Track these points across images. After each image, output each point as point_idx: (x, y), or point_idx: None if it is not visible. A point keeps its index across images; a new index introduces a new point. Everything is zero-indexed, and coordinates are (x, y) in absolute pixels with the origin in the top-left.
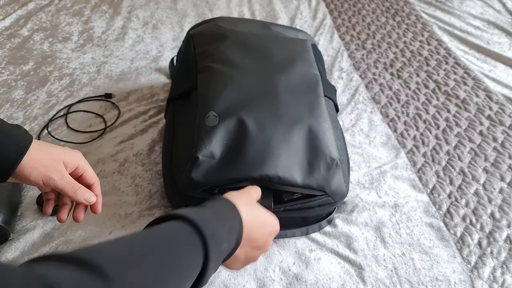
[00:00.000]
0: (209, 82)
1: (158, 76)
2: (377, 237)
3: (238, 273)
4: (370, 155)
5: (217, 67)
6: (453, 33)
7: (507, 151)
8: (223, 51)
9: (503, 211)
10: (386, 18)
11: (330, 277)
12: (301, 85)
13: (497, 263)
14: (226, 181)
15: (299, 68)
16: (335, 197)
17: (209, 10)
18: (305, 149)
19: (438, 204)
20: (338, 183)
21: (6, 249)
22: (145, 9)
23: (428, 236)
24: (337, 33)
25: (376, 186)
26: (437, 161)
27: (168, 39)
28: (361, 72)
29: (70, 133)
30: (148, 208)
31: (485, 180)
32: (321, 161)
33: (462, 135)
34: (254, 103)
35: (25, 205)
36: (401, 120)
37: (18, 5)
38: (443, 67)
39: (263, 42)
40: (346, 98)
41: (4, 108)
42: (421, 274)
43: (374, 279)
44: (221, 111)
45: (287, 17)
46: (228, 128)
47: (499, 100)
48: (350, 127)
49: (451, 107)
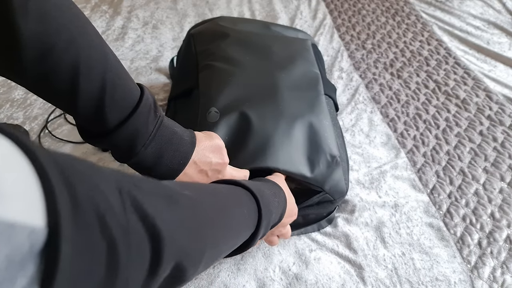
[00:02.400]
0: (210, 80)
1: (158, 76)
2: (377, 237)
3: (238, 273)
4: (370, 155)
5: (218, 65)
6: (453, 33)
7: (507, 151)
8: (224, 50)
9: (503, 211)
10: (386, 18)
11: (330, 277)
12: (301, 83)
13: (497, 263)
14: None
15: (300, 66)
16: (334, 194)
17: (209, 10)
18: (306, 144)
19: (438, 204)
20: (337, 180)
21: None
22: (145, 9)
23: (428, 236)
24: (337, 33)
25: (376, 186)
26: (437, 161)
27: (168, 39)
28: (361, 72)
29: (70, 133)
30: None
31: (485, 180)
32: (321, 157)
33: (462, 135)
34: (255, 99)
35: None
36: (401, 120)
37: None
38: (443, 67)
39: (264, 41)
40: (346, 98)
41: (4, 108)
42: (421, 274)
43: (374, 279)
44: (223, 107)
45: (287, 17)
46: (230, 124)
47: (499, 100)
48: (350, 127)
49: (451, 107)
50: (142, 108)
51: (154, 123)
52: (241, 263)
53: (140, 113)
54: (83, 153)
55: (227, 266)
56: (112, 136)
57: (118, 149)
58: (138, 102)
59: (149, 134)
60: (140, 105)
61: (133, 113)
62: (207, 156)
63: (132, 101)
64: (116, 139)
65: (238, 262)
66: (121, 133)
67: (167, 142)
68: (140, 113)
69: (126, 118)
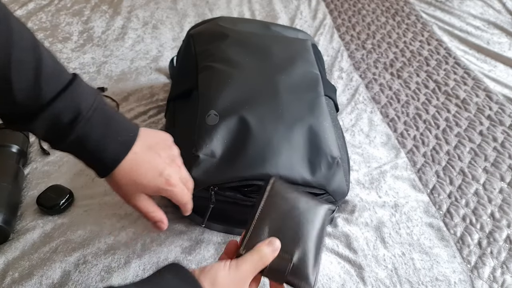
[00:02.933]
0: (210, 82)
1: (158, 76)
2: (377, 237)
3: None
4: (370, 155)
5: (218, 66)
6: (453, 33)
7: (507, 151)
8: (223, 51)
9: (503, 211)
10: (386, 18)
11: (330, 277)
12: (301, 84)
13: (497, 263)
14: (226, 180)
15: (300, 67)
16: (336, 196)
17: (209, 10)
18: (306, 147)
19: (438, 204)
20: (339, 181)
21: (6, 249)
22: (145, 9)
23: (428, 236)
24: (337, 33)
25: (376, 186)
26: (437, 161)
27: (168, 39)
28: (361, 72)
29: None
30: None
31: (485, 180)
32: (322, 160)
33: (462, 135)
34: (255, 102)
35: (25, 205)
36: (401, 120)
37: (18, 5)
38: (443, 67)
39: (264, 42)
40: (346, 98)
41: None
42: (421, 274)
43: (374, 279)
44: (222, 110)
45: (287, 17)
46: (229, 127)
47: (499, 100)
48: (350, 127)
49: (451, 107)
50: (78, 80)
51: (94, 94)
52: None
53: (78, 84)
54: None
55: None
56: (48, 110)
57: (54, 126)
58: (73, 76)
59: (91, 103)
60: (76, 78)
61: (70, 83)
62: (153, 136)
63: (66, 75)
64: (53, 113)
65: None
66: (59, 104)
67: (108, 117)
68: (77, 84)
69: (63, 89)
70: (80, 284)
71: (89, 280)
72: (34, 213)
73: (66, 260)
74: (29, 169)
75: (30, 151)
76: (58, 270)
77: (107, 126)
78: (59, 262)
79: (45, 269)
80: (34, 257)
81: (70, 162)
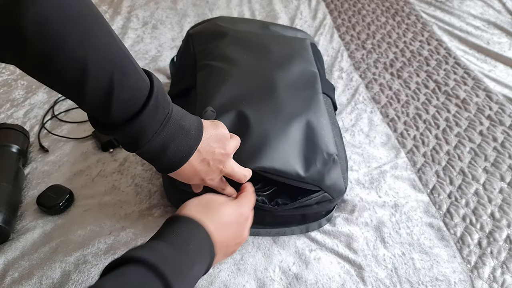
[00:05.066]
0: (208, 79)
1: (157, 75)
2: (377, 237)
3: (238, 273)
4: (370, 155)
5: (216, 64)
6: (453, 33)
7: (507, 151)
8: (222, 49)
9: (503, 211)
10: (386, 18)
11: (330, 277)
12: (299, 81)
13: (497, 263)
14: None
15: (298, 65)
16: (332, 193)
17: (209, 10)
18: (303, 143)
19: (438, 204)
20: (335, 178)
21: (6, 249)
22: (145, 9)
23: (428, 236)
24: (337, 33)
25: (376, 186)
26: (437, 161)
27: (168, 39)
28: (361, 72)
29: (69, 132)
30: (148, 208)
31: (485, 180)
32: (318, 156)
33: (462, 135)
34: (252, 98)
35: (25, 205)
36: (401, 120)
37: None
38: (443, 67)
39: (262, 41)
40: (346, 98)
41: (4, 108)
42: (421, 274)
43: (374, 279)
44: (219, 106)
45: (287, 17)
46: (226, 123)
47: (499, 100)
48: (350, 127)
49: (451, 107)
50: (149, 108)
51: (161, 120)
52: (241, 263)
53: (146, 113)
54: (83, 153)
55: (227, 266)
56: (118, 130)
57: (124, 141)
58: (145, 102)
59: (154, 132)
60: (147, 105)
61: (139, 113)
62: (211, 146)
63: (139, 101)
64: (122, 133)
65: (238, 262)
66: (126, 129)
67: (171, 138)
68: (146, 114)
69: (132, 117)
70: (80, 284)
71: (89, 280)
72: (34, 213)
73: (66, 260)
74: (29, 169)
75: (30, 151)
76: (58, 270)
77: (163, 151)
78: (59, 262)
79: (45, 269)
80: (34, 257)
81: (70, 162)
